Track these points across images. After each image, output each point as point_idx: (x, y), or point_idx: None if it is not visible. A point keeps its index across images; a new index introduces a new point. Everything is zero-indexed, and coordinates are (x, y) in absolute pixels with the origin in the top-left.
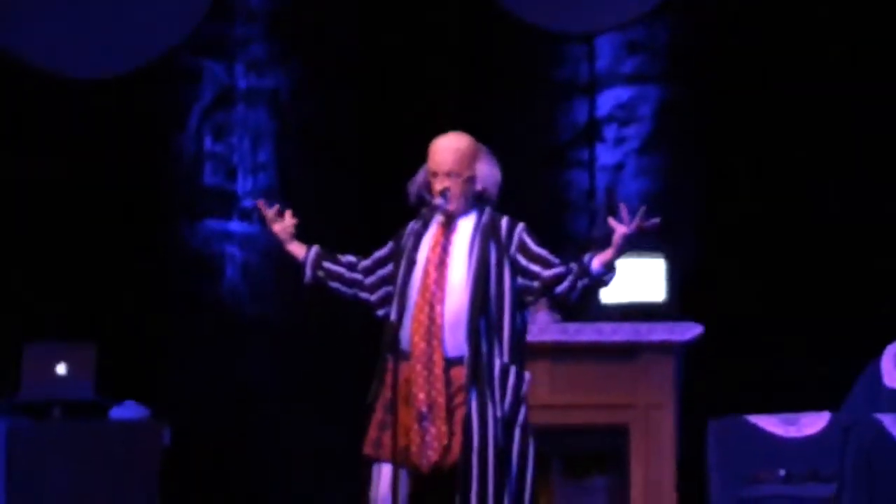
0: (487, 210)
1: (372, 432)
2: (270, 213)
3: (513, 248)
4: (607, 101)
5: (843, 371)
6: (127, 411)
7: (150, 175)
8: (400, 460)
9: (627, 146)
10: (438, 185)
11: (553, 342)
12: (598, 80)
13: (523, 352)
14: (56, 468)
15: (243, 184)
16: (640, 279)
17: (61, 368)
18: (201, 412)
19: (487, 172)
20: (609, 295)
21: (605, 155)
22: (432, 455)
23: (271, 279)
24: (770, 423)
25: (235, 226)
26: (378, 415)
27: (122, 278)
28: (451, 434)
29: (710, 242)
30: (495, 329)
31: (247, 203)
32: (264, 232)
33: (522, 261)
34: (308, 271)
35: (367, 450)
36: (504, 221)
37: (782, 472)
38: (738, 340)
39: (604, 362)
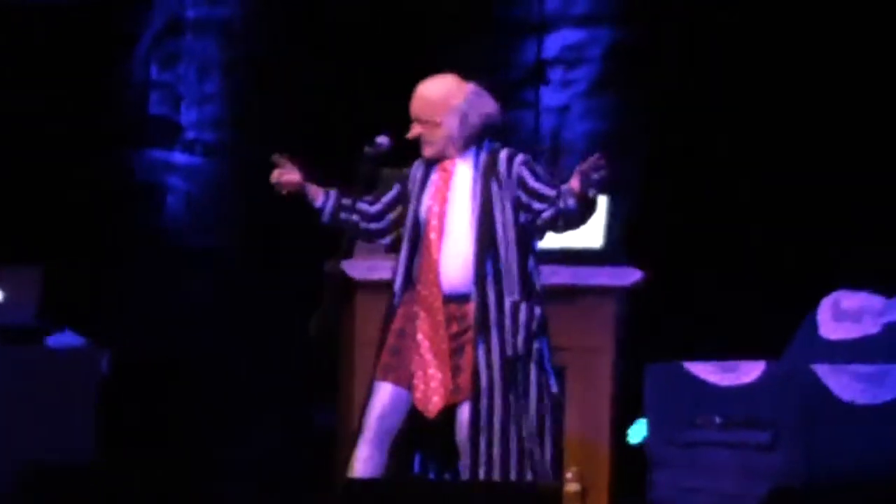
0: (486, 146)
1: (384, 357)
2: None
3: (514, 185)
4: (556, 42)
5: (781, 320)
6: (64, 339)
7: (97, 102)
8: (405, 385)
9: (574, 88)
10: (411, 132)
11: None
12: (548, 21)
13: (532, 287)
14: None
15: (188, 115)
16: None
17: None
18: (143, 341)
19: (464, 114)
20: (550, 238)
21: (552, 96)
22: (438, 401)
23: (213, 210)
24: (707, 370)
25: (179, 157)
26: (390, 341)
27: (64, 205)
28: (455, 375)
29: (655, 187)
30: (504, 269)
31: (191, 134)
32: (207, 163)
33: (524, 197)
34: (325, 219)
35: (378, 374)
36: (503, 155)
37: (718, 419)
38: (679, 286)
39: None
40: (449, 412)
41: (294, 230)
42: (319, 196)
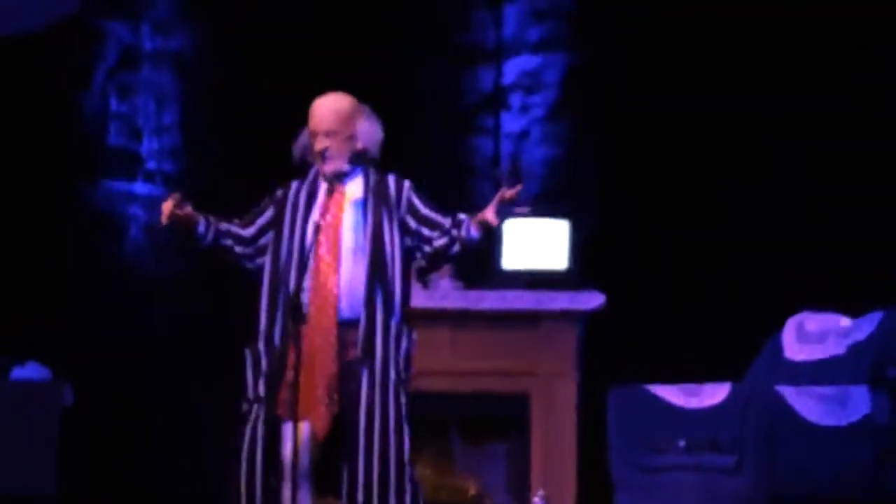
0: (373, 170)
1: (283, 393)
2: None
3: (402, 210)
4: (513, 68)
5: (744, 342)
6: (28, 372)
7: (55, 135)
8: (305, 419)
9: (533, 113)
10: (318, 146)
11: (455, 309)
12: (505, 47)
13: (409, 312)
14: None
15: (148, 145)
16: (543, 247)
17: None
18: (105, 373)
19: (368, 131)
20: (512, 262)
21: (511, 122)
22: (324, 424)
23: (174, 241)
24: (671, 393)
25: (139, 187)
26: (287, 376)
27: (25, 238)
28: (343, 401)
29: (614, 210)
30: (389, 293)
31: (151, 165)
32: (168, 193)
33: (412, 223)
34: (205, 244)
35: (280, 410)
36: (391, 180)
37: (682, 442)
38: (641, 310)
39: (506, 329)
40: (336, 437)
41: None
42: (200, 223)
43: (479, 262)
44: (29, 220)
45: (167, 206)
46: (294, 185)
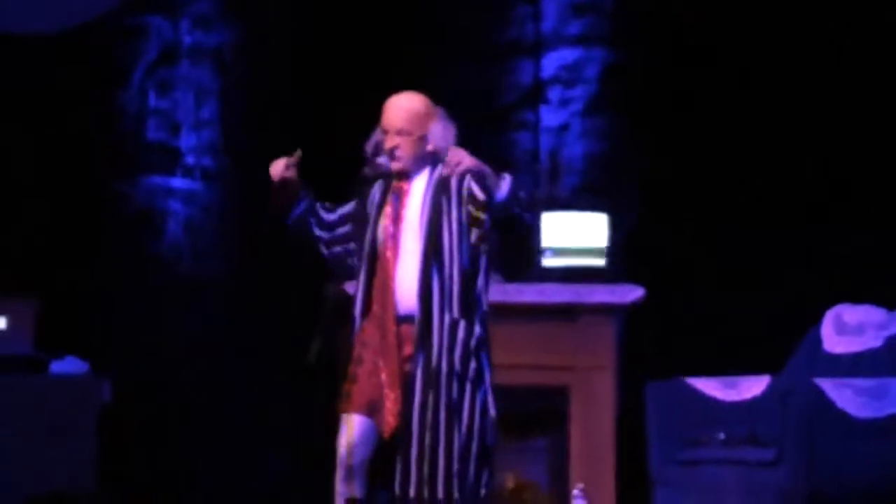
0: (440, 166)
1: (345, 387)
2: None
3: (464, 201)
4: (552, 62)
5: (783, 335)
6: (67, 366)
7: (94, 130)
8: (367, 412)
9: (572, 108)
10: (388, 144)
11: (493, 303)
12: (544, 41)
13: (476, 306)
14: None
15: (187, 140)
16: (582, 241)
17: (0, 323)
18: (142, 368)
19: (440, 133)
20: (551, 256)
21: (550, 116)
22: (391, 420)
23: (213, 235)
24: (710, 386)
25: (178, 182)
26: (350, 370)
27: (64, 233)
28: (403, 397)
29: (653, 205)
30: (447, 285)
31: (190, 159)
32: (207, 188)
33: (473, 211)
34: (293, 216)
35: (341, 406)
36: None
37: (721, 435)
38: (680, 303)
39: (545, 323)
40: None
41: (294, 254)
42: (302, 197)
43: (519, 255)
44: (68, 214)
45: (281, 165)
46: (377, 184)
